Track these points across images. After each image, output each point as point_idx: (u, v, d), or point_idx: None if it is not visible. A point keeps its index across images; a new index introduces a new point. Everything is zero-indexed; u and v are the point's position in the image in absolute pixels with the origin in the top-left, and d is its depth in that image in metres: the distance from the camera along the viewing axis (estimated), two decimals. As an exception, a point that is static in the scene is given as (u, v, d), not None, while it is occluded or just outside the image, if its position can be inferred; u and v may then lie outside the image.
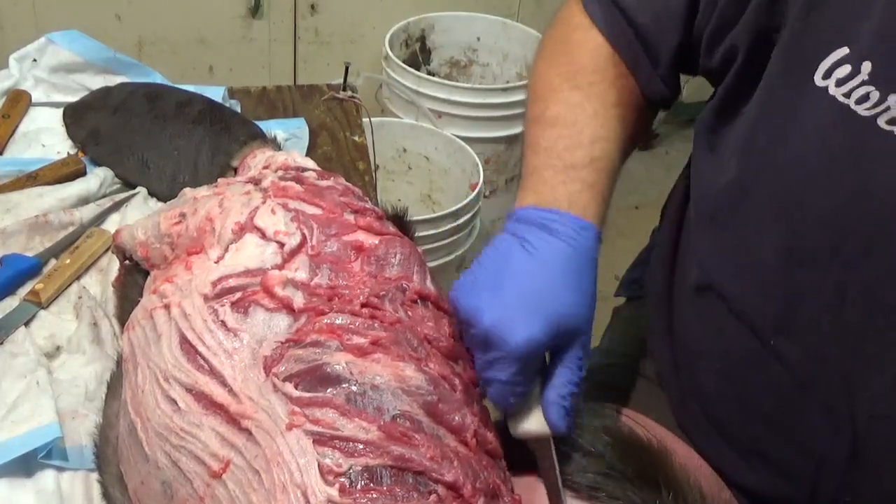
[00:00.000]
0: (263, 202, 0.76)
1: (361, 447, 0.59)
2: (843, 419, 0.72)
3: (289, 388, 0.61)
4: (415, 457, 0.59)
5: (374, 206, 0.79)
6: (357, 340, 0.64)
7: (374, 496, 0.57)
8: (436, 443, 0.60)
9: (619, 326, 1.03)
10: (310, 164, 0.89)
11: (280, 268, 0.70)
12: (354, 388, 0.61)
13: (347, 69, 1.36)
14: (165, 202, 0.99)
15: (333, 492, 0.57)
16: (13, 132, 1.13)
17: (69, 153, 1.11)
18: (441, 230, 1.78)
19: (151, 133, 1.10)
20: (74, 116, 1.15)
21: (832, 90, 0.65)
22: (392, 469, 0.58)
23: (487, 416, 0.69)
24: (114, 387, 0.77)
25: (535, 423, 0.67)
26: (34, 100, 1.18)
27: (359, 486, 0.57)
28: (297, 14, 2.17)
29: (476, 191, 1.85)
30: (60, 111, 1.16)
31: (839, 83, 0.64)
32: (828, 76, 0.65)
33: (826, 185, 0.66)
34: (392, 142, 2.06)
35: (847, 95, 0.64)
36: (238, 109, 1.23)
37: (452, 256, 1.85)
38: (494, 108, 2.07)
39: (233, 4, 2.10)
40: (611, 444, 0.70)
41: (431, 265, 0.76)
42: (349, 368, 0.62)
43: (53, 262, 0.95)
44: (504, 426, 0.73)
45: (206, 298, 0.68)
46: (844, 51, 0.64)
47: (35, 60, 1.20)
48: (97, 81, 1.20)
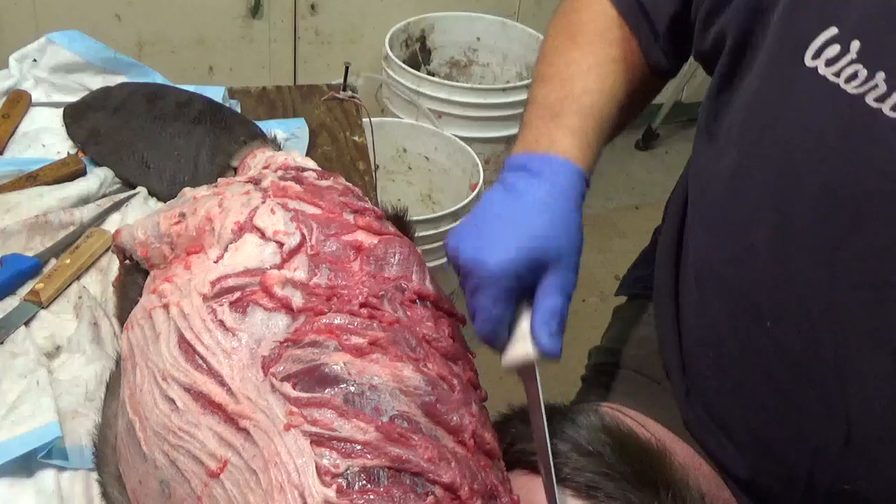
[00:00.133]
0: (263, 202, 0.76)
1: (359, 448, 0.59)
2: (837, 406, 0.72)
3: (287, 388, 0.61)
4: (412, 458, 0.59)
5: (374, 206, 0.79)
6: (355, 340, 0.64)
7: (372, 497, 0.57)
8: (433, 444, 0.61)
9: (620, 326, 1.03)
10: (310, 164, 0.89)
11: (279, 267, 0.70)
12: (352, 389, 0.61)
13: (347, 69, 1.36)
14: (165, 202, 1.00)
15: (331, 493, 0.57)
16: (13, 132, 1.13)
17: (69, 153, 1.11)
18: (441, 230, 1.78)
19: (151, 133, 1.10)
20: (74, 116, 1.15)
21: (822, 70, 0.66)
22: (389, 470, 0.58)
23: (486, 417, 0.69)
24: (112, 386, 0.77)
25: (521, 349, 0.69)
26: (34, 100, 1.18)
27: (356, 487, 0.57)
28: (297, 14, 2.17)
29: (476, 191, 1.85)
30: (60, 111, 1.16)
31: (829, 63, 0.66)
32: (817, 56, 0.66)
33: (817, 164, 0.67)
34: (392, 142, 2.06)
35: (837, 75, 0.65)
36: (238, 109, 1.23)
37: (452, 256, 1.85)
38: (494, 108, 2.07)
39: (233, 4, 2.10)
40: (610, 444, 0.70)
41: (431, 265, 0.76)
42: (347, 369, 0.62)
43: (53, 262, 0.95)
44: (503, 426, 0.73)
45: (205, 298, 0.68)
46: (833, 31, 0.65)
47: (35, 60, 1.21)
48: (97, 81, 1.20)
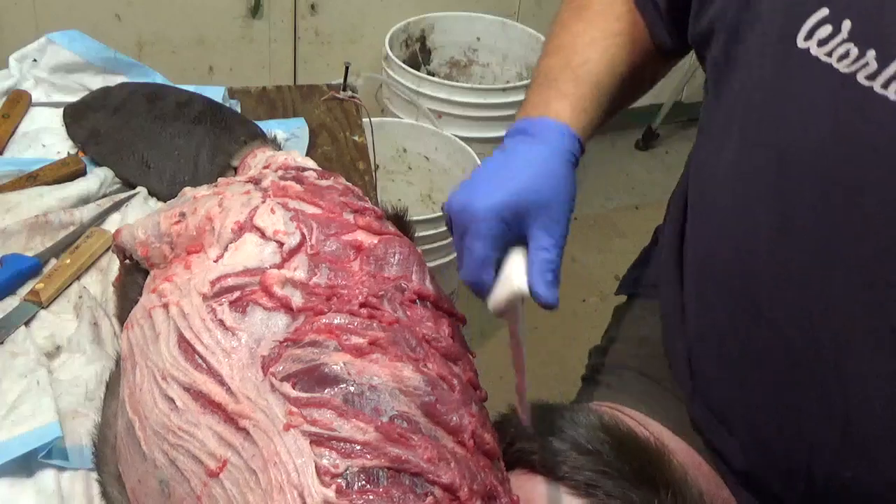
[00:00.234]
0: (263, 202, 0.76)
1: (358, 448, 0.59)
2: (837, 406, 0.72)
3: (286, 388, 0.61)
4: (412, 458, 0.59)
5: (374, 206, 0.79)
6: (355, 340, 0.64)
7: (371, 497, 0.57)
8: (433, 444, 0.61)
9: (620, 326, 1.03)
10: (310, 164, 0.89)
11: (279, 267, 0.70)
12: (352, 389, 0.61)
13: (347, 69, 1.36)
14: (165, 202, 1.00)
15: (330, 493, 0.57)
16: (13, 132, 1.13)
17: (69, 153, 1.11)
18: (441, 230, 1.78)
19: (151, 133, 1.11)
20: (74, 116, 1.15)
21: (814, 51, 0.67)
22: (389, 470, 0.58)
23: (486, 417, 0.69)
24: (112, 386, 0.77)
25: (507, 287, 0.70)
26: (34, 100, 1.18)
27: (355, 488, 0.57)
28: (297, 14, 2.17)
29: (476, 191, 1.84)
30: (60, 111, 1.16)
31: (821, 43, 0.67)
32: (809, 37, 0.67)
33: (813, 145, 0.68)
34: (392, 142, 2.06)
35: (829, 55, 0.66)
36: (238, 109, 1.23)
37: (452, 256, 1.85)
38: (494, 108, 2.07)
39: (233, 4, 2.10)
40: (608, 443, 0.70)
41: (431, 265, 0.76)
42: (347, 369, 0.62)
43: (54, 262, 0.95)
44: (502, 426, 0.73)
45: (205, 297, 0.68)
46: (825, 11, 0.66)
47: (35, 60, 1.21)
48: (97, 81, 1.21)
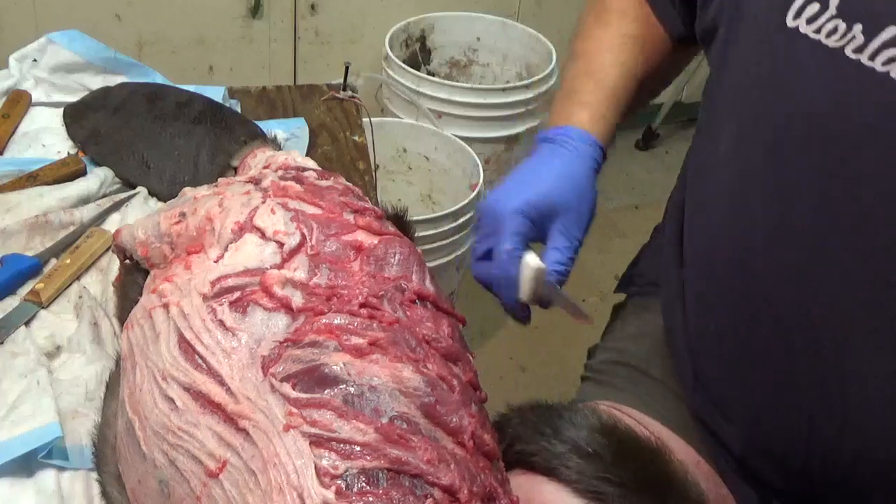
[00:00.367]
0: (263, 202, 0.76)
1: (358, 449, 0.58)
2: (834, 398, 0.72)
3: (286, 389, 0.61)
4: (411, 460, 0.59)
5: (374, 206, 0.79)
6: (355, 341, 0.64)
7: (371, 499, 0.56)
8: (433, 445, 0.60)
9: (620, 324, 1.03)
10: (310, 164, 0.89)
11: (279, 267, 0.70)
12: (352, 390, 0.61)
13: (347, 69, 1.36)
14: (165, 202, 1.00)
15: (330, 494, 0.57)
16: (13, 132, 1.13)
17: (69, 153, 1.11)
18: (441, 230, 1.78)
19: (151, 133, 1.11)
20: (74, 116, 1.15)
21: (803, 29, 0.69)
22: (388, 472, 0.58)
23: (485, 417, 0.69)
24: (112, 386, 0.77)
25: (526, 271, 0.79)
26: (34, 100, 1.18)
27: (355, 489, 0.57)
28: (297, 14, 2.17)
29: (476, 191, 1.85)
30: (60, 111, 1.16)
31: (809, 21, 0.69)
32: (798, 16, 0.70)
33: (804, 118, 0.69)
34: (392, 142, 2.06)
35: (818, 31, 0.68)
36: (238, 109, 1.23)
37: (452, 256, 1.85)
38: (494, 108, 2.07)
39: (233, 4, 2.10)
40: (608, 445, 0.70)
41: (431, 265, 0.76)
42: (347, 369, 0.62)
43: (54, 262, 0.95)
44: (502, 426, 0.73)
45: (205, 298, 0.68)
46: None
47: (35, 60, 1.21)
48: (97, 81, 1.21)
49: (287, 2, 2.14)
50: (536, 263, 0.79)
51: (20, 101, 1.16)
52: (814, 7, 0.69)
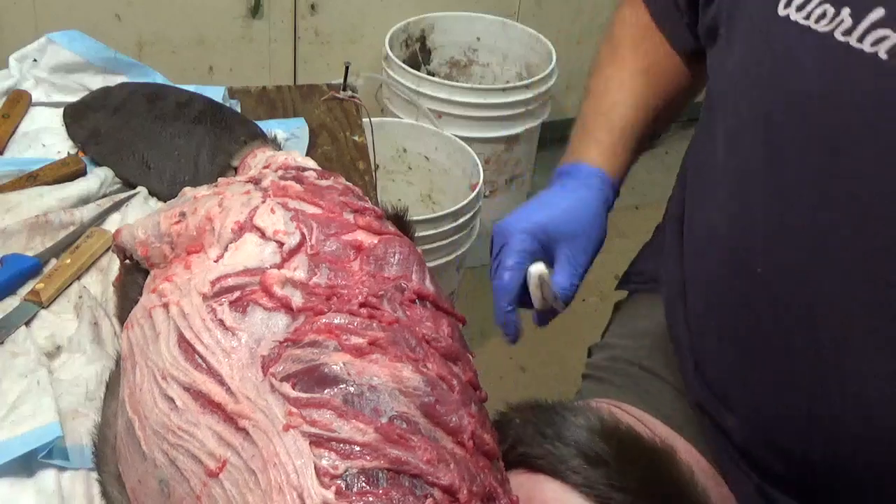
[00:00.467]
0: (263, 201, 0.76)
1: (358, 449, 0.58)
2: (832, 382, 0.73)
3: (286, 389, 0.61)
4: (411, 460, 0.59)
5: (374, 206, 0.79)
6: (355, 340, 0.64)
7: (371, 499, 0.56)
8: (432, 445, 0.61)
9: (620, 321, 1.04)
10: (310, 164, 0.89)
11: (279, 267, 0.70)
12: (352, 389, 0.61)
13: (347, 69, 1.36)
14: (166, 202, 1.00)
15: (329, 494, 0.57)
16: (13, 132, 1.13)
17: (69, 153, 1.11)
18: (441, 230, 1.78)
19: (152, 133, 1.11)
20: (74, 116, 1.15)
21: (793, 16, 0.71)
22: (388, 472, 0.58)
23: (485, 417, 0.69)
24: (112, 386, 0.77)
25: (532, 280, 0.84)
26: (34, 100, 1.18)
27: (355, 489, 0.57)
28: (297, 14, 2.17)
29: (476, 191, 1.85)
30: (60, 111, 1.16)
31: (799, 8, 0.71)
32: (788, 4, 0.72)
33: (797, 100, 0.71)
34: (392, 142, 2.06)
35: (807, 17, 0.70)
36: (238, 109, 1.23)
37: (452, 256, 1.85)
38: (494, 108, 2.07)
39: (233, 4, 2.10)
40: (611, 447, 0.70)
41: (431, 265, 0.77)
42: (347, 369, 0.62)
43: (54, 262, 0.96)
44: (503, 426, 0.73)
45: (205, 297, 0.68)
46: None
47: (35, 60, 1.21)
48: (97, 81, 1.21)
49: (287, 2, 2.14)
50: (538, 270, 0.83)
51: (20, 101, 1.16)
52: None
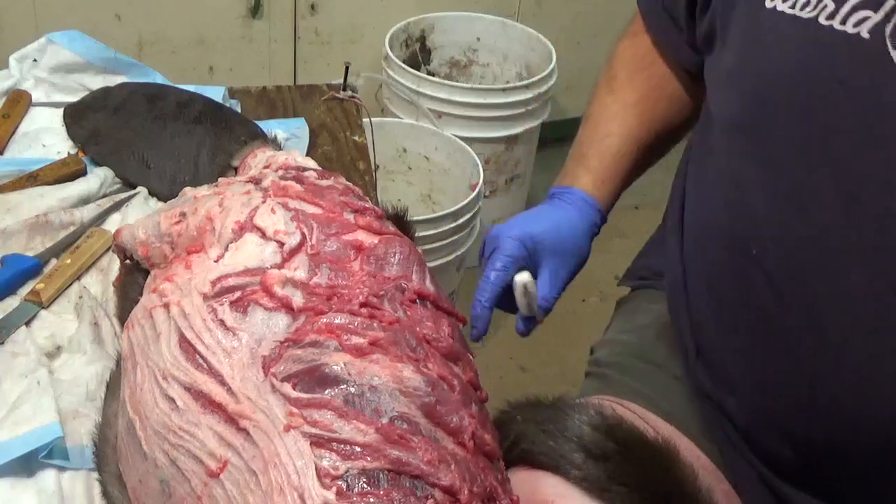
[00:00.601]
0: (263, 201, 0.76)
1: (359, 450, 0.58)
2: (832, 359, 0.74)
3: (287, 389, 0.61)
4: (412, 460, 0.59)
5: (374, 206, 0.79)
6: (356, 341, 0.64)
7: (372, 500, 0.56)
8: (433, 445, 0.60)
9: (622, 317, 1.05)
10: (310, 164, 0.89)
11: (279, 267, 0.70)
12: (352, 390, 0.61)
13: (347, 69, 1.36)
14: (166, 202, 1.00)
15: (330, 495, 0.57)
16: (13, 132, 1.13)
17: (69, 153, 1.11)
18: (441, 230, 1.78)
19: (152, 133, 1.10)
20: (75, 116, 1.15)
21: (780, 7, 0.75)
22: (389, 472, 0.58)
23: (486, 417, 0.69)
24: (113, 386, 0.77)
25: (518, 288, 0.89)
26: (34, 100, 1.18)
27: (356, 490, 0.57)
28: (297, 14, 2.17)
29: (476, 191, 1.85)
30: (61, 111, 1.16)
31: None
32: None
33: (785, 84, 0.75)
34: (392, 142, 2.06)
35: (792, 7, 0.74)
36: (238, 109, 1.23)
37: (452, 256, 1.85)
38: (494, 108, 2.07)
39: (233, 4, 2.10)
40: (614, 443, 0.71)
41: (431, 265, 0.77)
42: (347, 369, 0.62)
43: (54, 262, 0.95)
44: (503, 424, 0.73)
45: (206, 297, 0.68)
46: None
47: (35, 60, 1.21)
48: (97, 81, 1.20)
49: (287, 2, 2.14)
50: (524, 279, 0.88)
51: (20, 101, 1.16)
52: None
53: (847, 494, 0.79)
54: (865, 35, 0.69)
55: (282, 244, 0.71)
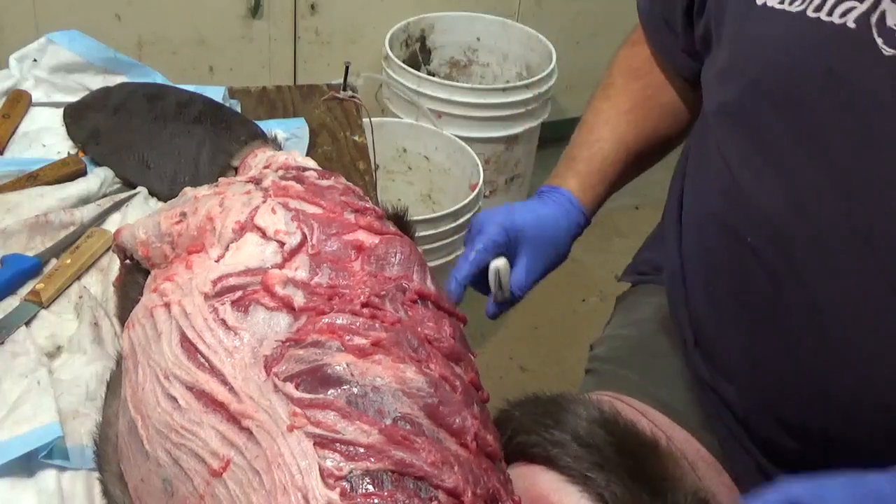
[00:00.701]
0: (264, 201, 0.76)
1: (362, 451, 0.58)
2: (826, 340, 0.75)
3: (290, 389, 0.61)
4: (416, 462, 0.59)
5: (375, 206, 0.79)
6: (358, 341, 0.64)
7: (376, 501, 0.56)
8: (436, 447, 0.60)
9: (623, 312, 1.06)
10: (310, 164, 0.89)
11: (280, 267, 0.70)
12: (355, 390, 0.61)
13: (347, 69, 1.36)
14: (166, 202, 1.00)
15: (334, 495, 0.56)
16: (13, 132, 1.13)
17: (69, 153, 1.11)
18: (441, 230, 1.78)
19: (152, 133, 1.10)
20: (75, 116, 1.15)
21: (769, 2, 0.77)
22: (393, 474, 0.58)
23: (487, 417, 0.69)
24: (113, 385, 0.77)
25: (492, 272, 0.91)
26: (34, 100, 1.18)
27: (360, 491, 0.57)
28: (297, 14, 2.17)
29: (476, 191, 1.85)
30: (61, 111, 1.16)
31: None
32: None
33: (774, 74, 0.77)
34: (392, 142, 2.06)
35: (781, 2, 0.77)
36: (238, 109, 1.23)
37: (452, 256, 1.85)
38: (494, 108, 2.07)
39: (233, 4, 2.10)
40: (608, 437, 0.71)
41: (431, 265, 0.77)
42: (350, 370, 0.62)
43: (54, 262, 0.95)
44: (500, 422, 0.73)
45: (207, 297, 0.68)
46: None
47: (35, 60, 1.20)
48: (97, 81, 1.20)
49: (287, 2, 2.13)
50: (496, 264, 0.91)
51: (20, 101, 1.16)
52: None
53: None
54: (851, 25, 0.72)
55: (282, 244, 0.71)
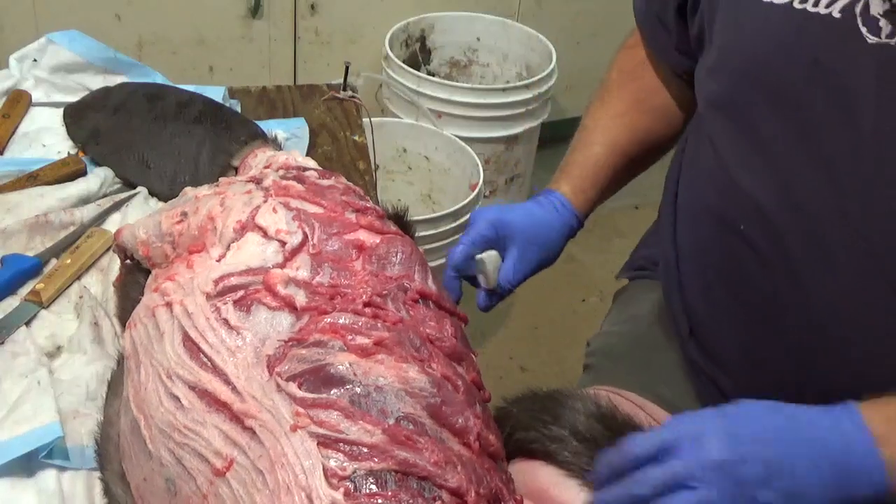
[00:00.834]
0: (265, 201, 0.76)
1: (366, 451, 0.58)
2: (819, 330, 0.76)
3: (293, 389, 0.61)
4: (419, 461, 0.59)
5: (375, 206, 0.79)
6: (360, 341, 0.64)
7: (380, 501, 0.56)
8: (440, 447, 0.60)
9: (619, 308, 1.07)
10: (311, 164, 0.89)
11: (282, 266, 0.70)
12: (358, 390, 0.61)
13: (347, 69, 1.36)
14: (166, 202, 1.00)
15: (338, 495, 0.56)
16: (13, 132, 1.13)
17: (69, 153, 1.11)
18: (441, 230, 1.78)
19: (152, 133, 1.10)
20: (75, 116, 1.15)
21: None
22: (397, 474, 0.58)
23: (489, 416, 0.69)
24: (114, 385, 0.77)
25: (480, 264, 0.95)
26: (34, 100, 1.18)
27: (363, 491, 0.57)
28: (297, 14, 2.16)
29: (476, 191, 1.85)
30: (61, 111, 1.16)
31: None
32: None
33: (765, 71, 0.78)
34: (392, 142, 2.06)
35: None
36: (238, 109, 1.23)
37: (452, 256, 1.85)
38: (494, 108, 2.07)
39: (233, 4, 2.10)
40: (606, 431, 0.71)
41: (431, 265, 0.77)
42: (353, 369, 0.62)
43: (54, 262, 0.95)
44: (500, 420, 0.73)
45: (209, 296, 0.68)
46: None
47: (35, 60, 1.20)
48: (97, 81, 1.20)
49: (287, 2, 2.13)
50: (482, 256, 0.93)
51: (20, 101, 1.16)
52: None
53: None
54: (837, 15, 0.74)
55: (284, 243, 0.71)
